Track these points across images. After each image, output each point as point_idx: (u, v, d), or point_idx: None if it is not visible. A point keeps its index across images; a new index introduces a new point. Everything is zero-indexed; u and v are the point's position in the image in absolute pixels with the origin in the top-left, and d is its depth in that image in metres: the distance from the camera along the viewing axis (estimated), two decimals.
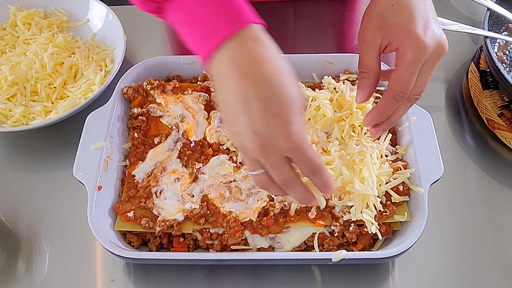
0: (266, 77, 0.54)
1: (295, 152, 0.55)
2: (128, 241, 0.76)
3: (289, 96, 0.55)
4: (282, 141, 0.54)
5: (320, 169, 0.58)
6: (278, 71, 0.55)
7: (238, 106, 0.54)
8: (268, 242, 0.75)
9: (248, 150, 0.56)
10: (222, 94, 0.56)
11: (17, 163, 0.91)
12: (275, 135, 0.54)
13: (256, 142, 0.54)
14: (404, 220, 0.73)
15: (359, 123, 0.81)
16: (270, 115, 0.53)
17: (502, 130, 0.90)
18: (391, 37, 0.65)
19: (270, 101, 0.53)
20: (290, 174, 0.58)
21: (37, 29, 1.02)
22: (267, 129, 0.54)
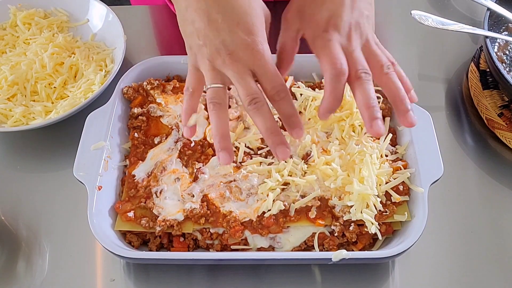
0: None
1: (259, 63, 0.57)
2: (128, 241, 0.76)
3: (249, 7, 0.58)
4: (245, 50, 0.57)
5: (285, 90, 0.59)
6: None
7: (204, 20, 0.57)
8: (268, 242, 0.75)
9: (215, 61, 0.58)
10: (186, 12, 0.59)
11: (17, 163, 0.91)
12: (239, 43, 0.57)
13: (222, 51, 0.57)
14: (404, 220, 0.73)
15: (359, 123, 0.81)
16: (233, 26, 0.57)
17: (502, 130, 0.90)
18: (303, 25, 0.63)
19: (232, 13, 0.57)
20: (256, 89, 0.58)
21: (37, 29, 1.02)
22: (232, 39, 0.56)
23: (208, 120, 0.84)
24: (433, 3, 1.15)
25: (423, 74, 1.03)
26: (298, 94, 0.85)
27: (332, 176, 0.75)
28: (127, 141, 0.85)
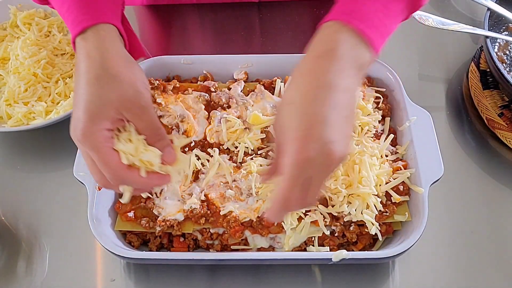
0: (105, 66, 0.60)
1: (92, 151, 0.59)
2: (128, 241, 0.76)
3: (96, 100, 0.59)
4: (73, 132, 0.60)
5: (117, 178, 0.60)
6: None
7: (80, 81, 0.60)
8: (268, 242, 0.75)
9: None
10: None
11: (17, 163, 0.91)
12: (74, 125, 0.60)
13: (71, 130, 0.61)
14: (404, 220, 0.73)
15: (360, 123, 0.81)
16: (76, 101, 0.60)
17: (502, 130, 0.90)
18: (283, 143, 0.57)
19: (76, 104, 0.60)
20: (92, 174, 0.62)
21: (37, 29, 1.03)
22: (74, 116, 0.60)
23: (208, 120, 0.84)
24: (433, 3, 1.15)
25: (423, 74, 1.03)
26: None
27: (332, 176, 0.75)
28: None
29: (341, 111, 0.56)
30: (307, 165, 0.55)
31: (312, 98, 0.56)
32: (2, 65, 1.01)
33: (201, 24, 1.06)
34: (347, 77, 0.57)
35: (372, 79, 0.90)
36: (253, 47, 1.04)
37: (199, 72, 0.92)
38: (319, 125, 0.55)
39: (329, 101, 0.55)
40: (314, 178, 0.56)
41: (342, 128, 0.56)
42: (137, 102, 0.60)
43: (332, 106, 0.55)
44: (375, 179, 0.74)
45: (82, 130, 0.58)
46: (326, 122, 0.55)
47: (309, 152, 0.54)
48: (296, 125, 0.55)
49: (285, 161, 0.56)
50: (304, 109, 0.56)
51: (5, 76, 0.97)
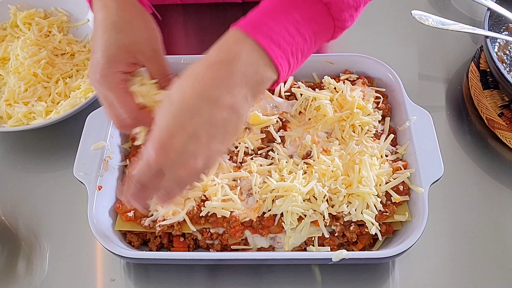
0: None
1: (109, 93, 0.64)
2: (129, 241, 0.76)
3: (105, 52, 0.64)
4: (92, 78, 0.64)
5: (132, 116, 0.64)
6: None
7: None
8: (268, 242, 0.75)
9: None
10: None
11: (17, 163, 0.91)
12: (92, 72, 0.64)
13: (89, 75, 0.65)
14: (404, 220, 0.73)
15: (360, 123, 0.81)
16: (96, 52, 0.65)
17: (502, 130, 0.90)
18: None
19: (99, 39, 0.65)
20: None
21: (37, 29, 1.03)
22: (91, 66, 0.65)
23: None
24: (433, 3, 1.15)
25: (423, 74, 1.03)
26: (298, 94, 0.85)
27: (332, 176, 0.75)
28: (127, 141, 0.85)
29: (215, 129, 0.54)
30: (160, 165, 0.55)
31: (191, 107, 0.54)
32: (2, 65, 1.01)
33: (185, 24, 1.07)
34: (236, 95, 0.54)
35: (372, 79, 0.90)
36: None
37: None
38: (184, 136, 0.53)
39: (207, 116, 0.54)
40: (167, 175, 0.56)
41: (209, 146, 0.55)
42: (150, 46, 0.66)
43: (208, 122, 0.54)
44: (375, 179, 0.74)
45: (101, 72, 0.63)
46: (194, 136, 0.54)
47: (165, 158, 0.54)
48: (164, 126, 0.54)
49: (147, 148, 0.55)
50: (179, 115, 0.54)
51: (5, 76, 0.98)
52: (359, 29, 1.13)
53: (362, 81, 0.87)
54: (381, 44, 1.08)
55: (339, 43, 1.10)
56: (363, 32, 1.12)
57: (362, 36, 1.11)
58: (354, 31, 1.00)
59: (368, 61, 0.90)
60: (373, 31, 1.11)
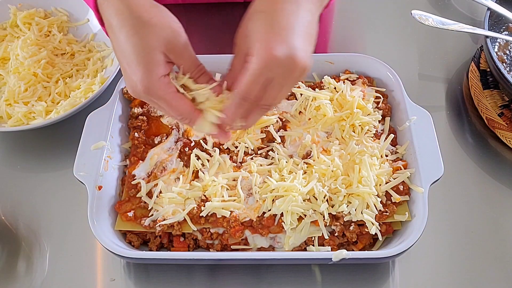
0: None
1: (156, 99, 0.61)
2: (129, 240, 0.76)
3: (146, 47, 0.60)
4: (139, 87, 0.60)
5: (187, 117, 0.63)
6: None
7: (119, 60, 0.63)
8: (268, 241, 0.75)
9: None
10: None
11: (17, 163, 0.91)
12: (133, 81, 0.61)
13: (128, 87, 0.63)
14: (404, 219, 0.73)
15: (360, 123, 0.81)
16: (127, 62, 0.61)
17: (502, 130, 0.90)
18: (250, 45, 0.60)
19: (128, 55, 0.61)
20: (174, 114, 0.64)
21: (37, 29, 1.03)
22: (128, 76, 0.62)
23: None
24: (433, 3, 1.15)
25: (424, 74, 1.03)
26: (298, 94, 0.85)
27: (332, 176, 0.75)
28: (127, 141, 0.85)
29: (306, 27, 0.60)
30: (272, 64, 0.57)
31: (281, 8, 0.59)
32: (2, 65, 1.01)
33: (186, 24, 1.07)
34: (310, 2, 0.62)
35: (372, 79, 0.90)
36: None
37: None
38: (288, 31, 0.58)
39: (296, 15, 0.60)
40: (275, 80, 0.59)
41: (306, 41, 0.60)
42: (178, 41, 0.61)
43: (299, 20, 0.60)
44: (375, 179, 0.74)
45: (142, 84, 0.59)
46: (294, 30, 0.58)
47: (276, 51, 0.56)
48: (265, 29, 0.58)
49: (251, 59, 0.58)
50: (274, 16, 0.59)
51: (5, 76, 0.97)
52: (359, 29, 1.13)
53: (362, 81, 0.87)
54: (381, 44, 1.08)
55: (339, 43, 1.10)
56: (363, 32, 1.12)
57: (362, 36, 1.11)
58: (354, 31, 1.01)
59: (368, 61, 0.90)
60: (373, 31, 1.11)
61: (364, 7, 1.16)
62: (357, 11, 1.16)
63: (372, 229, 0.72)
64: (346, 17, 1.15)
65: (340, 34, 1.11)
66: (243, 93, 0.59)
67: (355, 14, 1.15)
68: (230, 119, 0.63)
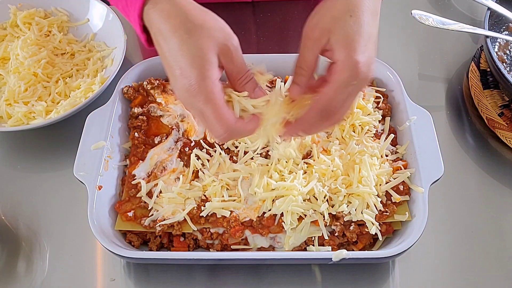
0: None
1: (203, 107, 0.59)
2: (129, 240, 0.76)
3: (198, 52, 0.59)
4: (188, 96, 0.59)
5: (228, 133, 0.60)
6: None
7: (165, 63, 0.61)
8: (268, 241, 0.75)
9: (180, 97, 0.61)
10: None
11: (17, 163, 0.91)
12: (181, 88, 0.59)
13: (176, 91, 0.61)
14: (404, 219, 0.73)
15: (360, 122, 0.81)
16: (177, 71, 0.59)
17: (502, 130, 0.90)
18: (335, 46, 0.60)
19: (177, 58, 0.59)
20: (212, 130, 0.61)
21: (37, 29, 1.03)
22: (176, 80, 0.59)
23: None
24: (434, 2, 1.15)
25: (424, 73, 1.03)
26: None
27: (332, 176, 0.75)
28: (127, 141, 0.85)
29: (376, 37, 0.63)
30: (357, 77, 0.58)
31: (368, 16, 0.61)
32: (2, 65, 1.01)
33: None
34: (379, 7, 0.64)
35: (372, 79, 0.90)
36: (248, 47, 1.04)
37: None
38: (371, 43, 0.60)
39: (375, 24, 0.63)
40: (352, 91, 0.60)
41: (376, 51, 0.63)
42: (231, 43, 0.61)
43: (376, 30, 0.63)
44: (375, 179, 0.74)
45: (198, 85, 0.58)
46: (374, 42, 0.61)
47: (362, 67, 0.58)
48: (356, 37, 0.59)
49: (340, 69, 0.59)
50: (363, 25, 0.60)
51: (5, 75, 0.97)
52: None
53: None
54: (381, 44, 1.07)
55: None
56: None
57: None
58: None
59: None
60: None
61: None
62: None
63: (372, 229, 0.72)
64: None
65: None
66: (330, 107, 0.60)
67: None
68: (308, 128, 0.63)
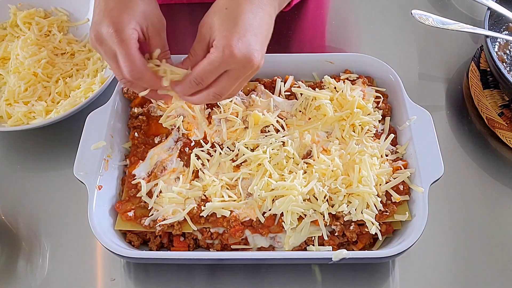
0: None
1: (117, 48, 0.65)
2: (129, 240, 0.76)
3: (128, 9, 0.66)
4: (106, 29, 0.65)
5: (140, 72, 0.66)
6: None
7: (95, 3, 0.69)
8: (268, 241, 0.75)
9: (91, 40, 0.68)
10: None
11: (17, 162, 0.91)
12: (103, 24, 0.65)
13: (93, 30, 0.67)
14: (404, 219, 0.73)
15: (360, 122, 0.81)
16: (106, 9, 0.66)
17: (502, 130, 0.90)
18: (213, 37, 0.66)
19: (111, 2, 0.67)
20: (117, 71, 0.67)
21: (37, 29, 1.02)
22: (100, 19, 0.66)
23: (209, 120, 0.84)
24: (434, 2, 1.15)
25: (424, 73, 1.03)
26: (299, 94, 0.85)
27: (332, 176, 0.75)
28: (127, 141, 0.85)
29: (264, 29, 0.68)
30: (230, 60, 0.64)
31: (244, 9, 0.66)
32: (2, 65, 1.01)
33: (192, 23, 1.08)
34: (268, 5, 0.70)
35: (372, 79, 0.90)
36: None
37: None
38: (248, 32, 0.65)
39: (257, 17, 0.67)
40: (229, 74, 0.66)
41: (263, 42, 0.68)
42: (160, 18, 0.70)
43: (259, 22, 0.67)
44: (375, 179, 0.74)
45: (115, 24, 0.64)
46: (254, 32, 0.66)
47: (236, 49, 0.64)
48: (228, 26, 0.65)
49: (212, 50, 0.65)
50: (238, 15, 0.66)
51: (5, 75, 0.97)
52: (359, 29, 1.13)
53: (362, 80, 0.87)
54: (381, 43, 1.08)
55: (340, 43, 1.10)
56: (363, 31, 1.12)
57: (362, 36, 1.11)
58: (354, 30, 1.01)
59: (368, 60, 0.90)
60: (373, 31, 1.11)
61: (364, 7, 1.16)
62: (357, 11, 1.16)
63: (372, 229, 0.72)
64: (346, 17, 1.15)
65: (340, 34, 1.11)
66: (197, 78, 0.66)
67: (355, 14, 1.15)
68: (180, 93, 0.70)
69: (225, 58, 0.64)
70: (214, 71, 0.66)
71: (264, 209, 0.74)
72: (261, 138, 0.80)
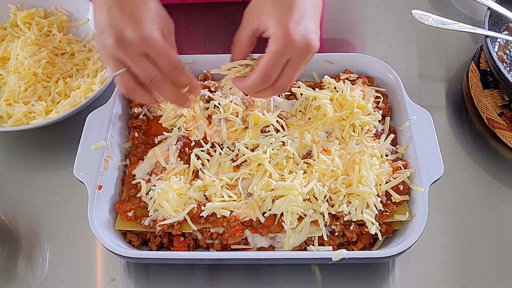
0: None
1: (149, 47, 0.62)
2: (129, 240, 0.76)
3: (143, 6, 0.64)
4: (133, 33, 0.61)
5: (179, 65, 0.65)
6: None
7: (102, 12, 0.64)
8: (268, 241, 0.75)
9: (109, 48, 0.63)
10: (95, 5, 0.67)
11: (17, 162, 0.91)
12: (126, 27, 0.62)
13: (113, 36, 0.62)
14: (404, 219, 0.73)
15: (360, 122, 0.81)
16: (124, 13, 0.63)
17: (502, 130, 0.90)
18: (267, 25, 0.65)
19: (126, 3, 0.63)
20: (151, 69, 0.64)
21: (37, 29, 1.02)
22: (120, 24, 0.62)
23: (209, 120, 0.84)
24: (434, 2, 1.15)
25: (424, 73, 1.03)
26: (298, 94, 0.85)
27: (332, 176, 0.75)
28: (127, 141, 0.85)
29: (316, 10, 0.68)
30: (291, 47, 0.63)
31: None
32: (2, 65, 1.01)
33: (185, 23, 1.08)
34: None
35: (372, 79, 0.90)
36: None
37: (199, 71, 0.92)
38: (303, 14, 0.64)
39: (312, 2, 0.67)
40: (291, 61, 0.65)
41: (317, 24, 0.67)
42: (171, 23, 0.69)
43: (313, 4, 0.67)
44: (375, 179, 0.74)
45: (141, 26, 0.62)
46: (311, 17, 0.65)
47: (295, 35, 0.63)
48: (282, 10, 0.64)
49: (271, 42, 0.64)
50: (294, 1, 0.64)
51: (5, 75, 0.97)
52: (359, 29, 1.13)
53: (362, 80, 0.87)
54: (381, 43, 1.08)
55: (339, 42, 1.10)
56: (363, 31, 1.12)
57: (362, 36, 1.11)
58: (354, 30, 1.01)
59: (368, 60, 0.90)
60: (373, 31, 1.11)
61: (365, 6, 1.16)
62: (357, 11, 1.16)
63: (372, 229, 0.72)
64: (347, 16, 1.15)
65: (340, 34, 1.11)
66: (264, 76, 0.65)
67: (355, 14, 1.15)
68: (246, 91, 0.70)
69: (286, 46, 0.63)
70: (278, 62, 0.64)
71: (264, 209, 0.74)
72: (261, 138, 0.81)
